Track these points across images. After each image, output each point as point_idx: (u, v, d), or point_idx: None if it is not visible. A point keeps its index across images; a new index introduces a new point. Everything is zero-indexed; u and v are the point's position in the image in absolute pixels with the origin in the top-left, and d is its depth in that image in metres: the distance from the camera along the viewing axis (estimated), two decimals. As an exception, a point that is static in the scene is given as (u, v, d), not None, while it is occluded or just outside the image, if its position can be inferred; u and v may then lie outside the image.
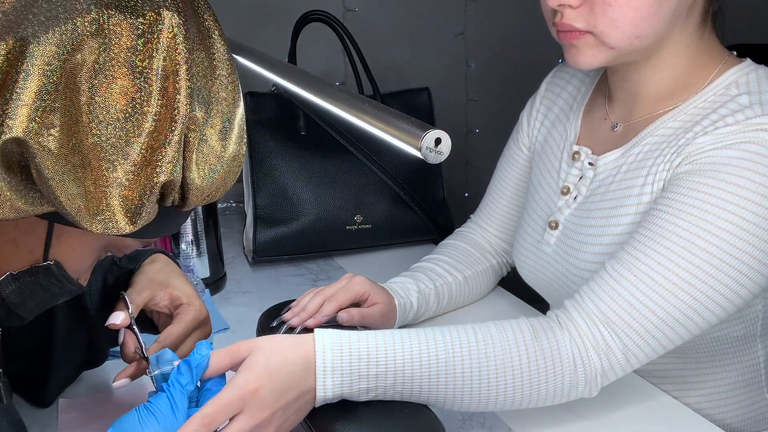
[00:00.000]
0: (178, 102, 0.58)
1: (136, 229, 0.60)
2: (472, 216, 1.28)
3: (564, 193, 1.03)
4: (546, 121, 1.13)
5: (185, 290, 0.89)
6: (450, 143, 0.74)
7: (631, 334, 0.83)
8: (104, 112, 0.56)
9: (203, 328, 0.89)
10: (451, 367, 0.81)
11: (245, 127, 0.67)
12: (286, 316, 0.98)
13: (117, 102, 0.56)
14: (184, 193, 0.63)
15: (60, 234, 0.64)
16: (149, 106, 0.57)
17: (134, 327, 0.84)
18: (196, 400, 0.76)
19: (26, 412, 0.92)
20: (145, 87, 0.57)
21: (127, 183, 0.58)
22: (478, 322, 0.87)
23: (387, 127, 0.80)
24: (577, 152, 1.03)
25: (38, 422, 0.92)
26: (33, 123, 0.54)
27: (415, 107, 1.50)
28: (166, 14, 0.58)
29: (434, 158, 0.74)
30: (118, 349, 0.89)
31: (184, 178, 0.62)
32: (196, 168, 0.62)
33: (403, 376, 0.81)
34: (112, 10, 0.56)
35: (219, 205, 1.53)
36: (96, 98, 0.56)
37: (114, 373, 0.85)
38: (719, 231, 0.81)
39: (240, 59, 1.23)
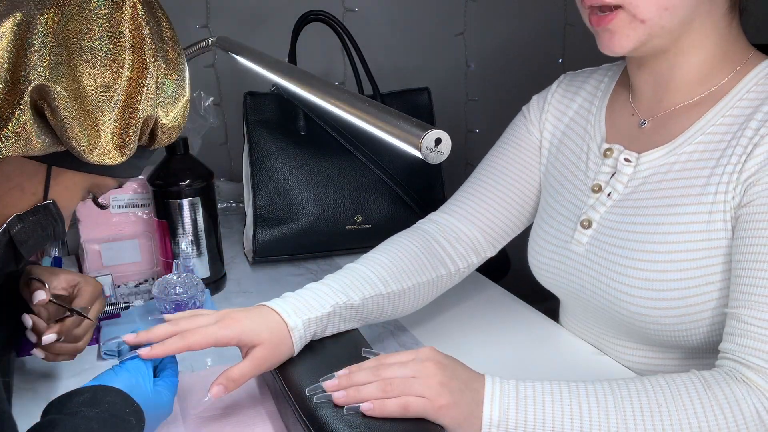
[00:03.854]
0: (145, 55, 0.75)
1: (125, 158, 0.76)
2: (446, 205, 1.17)
3: (595, 191, 1.01)
4: (560, 124, 1.11)
5: (75, 274, 1.03)
6: (450, 143, 0.74)
7: None
8: (92, 68, 0.72)
9: (101, 299, 1.04)
10: (622, 418, 0.79)
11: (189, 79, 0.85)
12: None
13: (102, 59, 0.72)
14: (153, 132, 0.80)
15: (56, 176, 0.77)
16: (124, 61, 0.74)
17: (52, 299, 0.97)
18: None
19: (21, 414, 0.92)
20: (120, 44, 0.73)
21: (115, 122, 0.74)
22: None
23: (387, 127, 0.80)
24: (609, 149, 1.01)
25: (31, 424, 0.92)
26: (47, 73, 0.68)
27: (415, 107, 1.50)
28: None
29: (434, 158, 0.74)
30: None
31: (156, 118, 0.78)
32: (162, 110, 0.79)
33: None
34: None
35: (219, 205, 1.53)
36: (86, 55, 0.71)
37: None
38: None
39: (240, 59, 1.22)
